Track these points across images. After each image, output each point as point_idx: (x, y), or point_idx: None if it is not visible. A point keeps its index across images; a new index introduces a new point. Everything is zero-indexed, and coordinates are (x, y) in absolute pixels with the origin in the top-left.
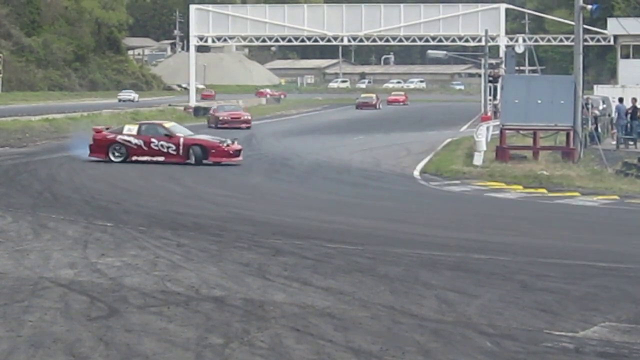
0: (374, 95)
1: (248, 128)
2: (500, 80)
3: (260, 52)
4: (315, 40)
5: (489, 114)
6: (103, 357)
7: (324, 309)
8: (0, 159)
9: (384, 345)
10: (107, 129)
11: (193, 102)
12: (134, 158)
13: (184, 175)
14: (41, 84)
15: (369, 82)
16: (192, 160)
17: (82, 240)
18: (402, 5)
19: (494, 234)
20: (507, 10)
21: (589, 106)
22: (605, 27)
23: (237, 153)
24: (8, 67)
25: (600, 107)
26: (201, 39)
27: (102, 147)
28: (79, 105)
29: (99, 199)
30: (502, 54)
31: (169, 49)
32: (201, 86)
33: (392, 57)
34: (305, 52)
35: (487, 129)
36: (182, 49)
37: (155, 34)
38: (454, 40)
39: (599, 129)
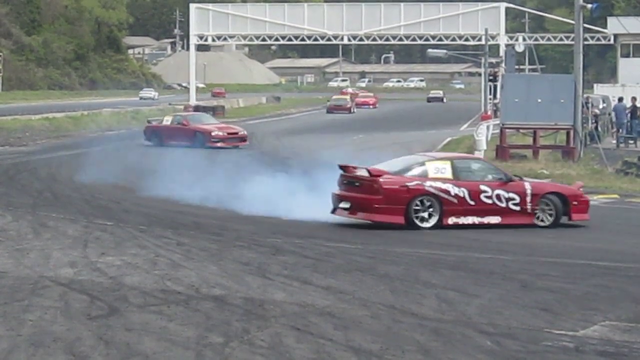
0: (348, 97)
1: (236, 147)
2: (500, 79)
3: (260, 51)
4: (316, 39)
5: (488, 112)
6: (103, 356)
7: (324, 308)
8: (0, 158)
9: (384, 344)
10: (384, 173)
11: (193, 101)
12: (451, 221)
13: (182, 174)
14: (41, 83)
15: (369, 81)
16: (546, 219)
17: (82, 239)
18: (402, 4)
19: (494, 233)
20: (507, 9)
21: (589, 105)
22: (605, 26)
23: None
24: (8, 66)
25: (600, 106)
26: (201, 37)
27: (398, 202)
28: (79, 104)
29: (99, 198)
30: (502, 52)
31: (169, 47)
32: (201, 85)
33: (392, 56)
34: (305, 51)
35: (487, 127)
36: (182, 47)
37: (155, 32)
38: (454, 39)
39: (599, 128)
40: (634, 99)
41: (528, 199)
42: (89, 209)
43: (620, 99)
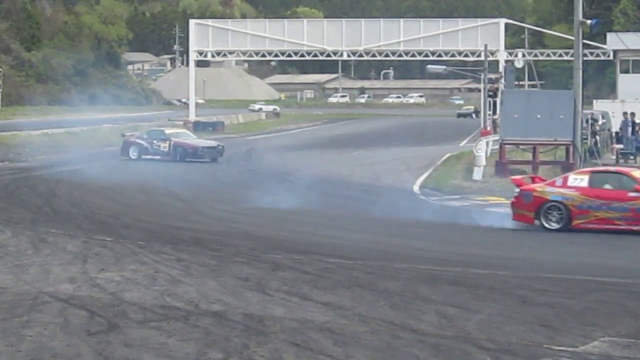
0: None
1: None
2: (499, 95)
3: (259, 66)
4: (315, 55)
5: (488, 128)
6: None
7: (323, 324)
8: (0, 174)
9: None
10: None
11: (193, 117)
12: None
13: (183, 190)
14: (41, 99)
15: (369, 97)
16: None
17: (82, 255)
18: (401, 20)
19: (494, 249)
20: (506, 25)
21: (592, 122)
22: (604, 42)
23: None
24: (8, 82)
25: (600, 122)
26: (201, 53)
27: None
28: (79, 120)
29: (99, 213)
30: (501, 68)
31: (168, 63)
32: (201, 101)
33: (391, 72)
34: (304, 66)
35: (487, 143)
36: (182, 63)
37: (155, 48)
38: (453, 55)
39: (599, 144)
40: (632, 114)
41: None
42: (89, 225)
43: (633, 115)
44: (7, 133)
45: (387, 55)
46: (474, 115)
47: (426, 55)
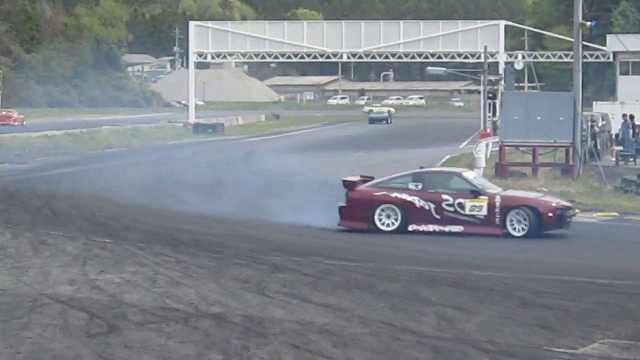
0: None
1: None
2: (500, 97)
3: (259, 68)
4: (315, 57)
5: (488, 130)
6: None
7: (323, 326)
8: (0, 176)
9: None
10: None
11: (192, 119)
12: None
13: (183, 193)
14: (41, 101)
15: (369, 99)
16: None
17: (82, 257)
18: (401, 22)
19: (494, 251)
20: (506, 27)
21: (592, 125)
22: (604, 44)
23: None
24: (8, 84)
25: (600, 124)
26: (201, 55)
27: None
28: (79, 122)
29: (99, 215)
30: (501, 70)
31: (168, 65)
32: (201, 103)
33: (391, 73)
34: (304, 69)
35: (487, 145)
36: (182, 65)
37: (155, 50)
38: (453, 57)
39: (599, 146)
40: (632, 117)
41: None
42: (89, 227)
43: (630, 117)
44: (7, 135)
45: (387, 57)
46: (388, 121)
47: (426, 57)
